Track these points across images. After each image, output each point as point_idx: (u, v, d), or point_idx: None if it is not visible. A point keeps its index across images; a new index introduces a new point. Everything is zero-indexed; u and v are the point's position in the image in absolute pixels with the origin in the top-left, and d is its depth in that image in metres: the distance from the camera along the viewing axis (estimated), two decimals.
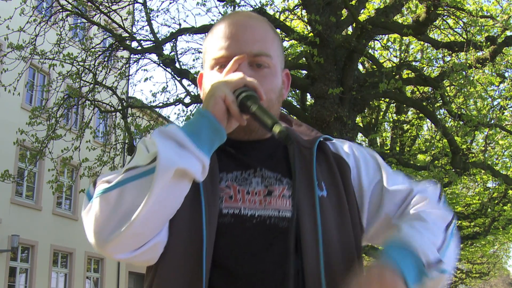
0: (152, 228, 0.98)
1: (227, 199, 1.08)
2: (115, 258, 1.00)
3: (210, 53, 1.19)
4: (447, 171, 8.59)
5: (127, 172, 0.97)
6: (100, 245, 0.96)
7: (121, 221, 0.93)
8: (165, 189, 0.93)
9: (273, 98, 1.15)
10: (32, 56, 8.38)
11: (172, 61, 8.10)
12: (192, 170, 0.95)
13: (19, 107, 15.37)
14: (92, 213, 0.97)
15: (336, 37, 7.37)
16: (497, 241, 21.46)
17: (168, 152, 0.93)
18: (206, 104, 1.01)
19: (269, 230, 1.06)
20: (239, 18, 1.20)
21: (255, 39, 1.15)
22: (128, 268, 20.47)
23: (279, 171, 1.14)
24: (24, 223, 15.63)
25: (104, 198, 0.96)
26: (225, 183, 1.11)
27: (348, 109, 7.48)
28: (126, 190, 0.95)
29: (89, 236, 0.98)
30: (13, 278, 15.40)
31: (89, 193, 1.02)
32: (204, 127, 0.98)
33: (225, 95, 1.00)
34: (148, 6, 8.76)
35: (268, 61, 1.15)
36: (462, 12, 7.63)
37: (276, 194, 1.11)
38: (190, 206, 1.03)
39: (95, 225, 0.96)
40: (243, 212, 1.07)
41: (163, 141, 0.95)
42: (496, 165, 13.29)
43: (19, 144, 8.98)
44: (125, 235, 0.93)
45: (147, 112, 10.82)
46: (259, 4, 7.76)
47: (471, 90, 8.97)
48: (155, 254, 1.03)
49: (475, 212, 14.01)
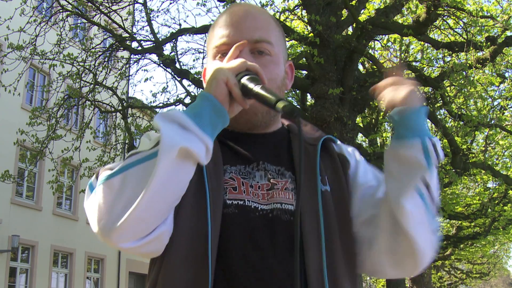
0: (157, 213, 0.95)
1: (231, 190, 1.08)
2: (120, 248, 0.96)
3: (211, 42, 1.19)
4: (447, 171, 8.59)
5: (130, 158, 0.95)
6: (105, 234, 0.93)
7: (125, 206, 0.91)
8: (169, 170, 0.91)
9: (274, 88, 1.13)
10: (32, 57, 8.38)
11: (172, 61, 8.10)
12: (196, 151, 0.93)
13: (19, 107, 15.37)
14: (96, 201, 0.94)
15: (336, 37, 7.37)
16: (497, 241, 21.44)
17: (171, 133, 0.92)
18: (208, 87, 1.00)
19: (273, 223, 1.06)
20: (240, 8, 1.20)
21: (256, 26, 1.15)
22: (128, 268, 20.47)
23: (282, 165, 1.14)
24: (24, 223, 15.63)
25: (107, 185, 0.94)
26: (229, 175, 1.10)
27: (348, 109, 7.48)
28: (129, 175, 0.93)
29: (93, 225, 0.95)
30: (13, 278, 15.40)
31: (91, 185, 1.00)
32: (206, 109, 0.97)
33: (227, 78, 0.99)
34: (148, 6, 8.77)
35: (269, 48, 1.15)
36: (462, 12, 7.63)
37: (279, 187, 1.11)
38: (194, 196, 1.02)
39: (99, 213, 0.93)
40: (247, 203, 1.07)
41: (165, 124, 0.93)
42: (496, 165, 13.28)
43: (19, 144, 8.99)
44: (130, 220, 0.91)
45: (147, 113, 10.82)
46: (259, 5, 7.76)
47: (471, 90, 8.97)
48: (161, 244, 1.01)
49: (475, 213, 13.99)
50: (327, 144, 1.21)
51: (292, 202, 1.09)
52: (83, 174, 8.90)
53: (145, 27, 9.33)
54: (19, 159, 15.37)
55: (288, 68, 1.23)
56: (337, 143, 1.26)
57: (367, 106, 9.19)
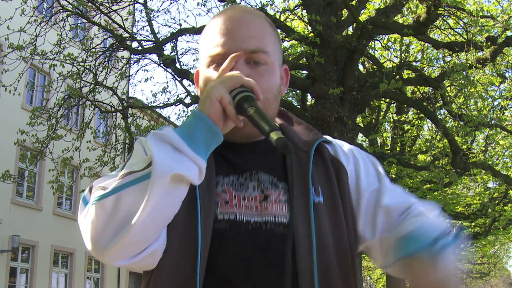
0: (150, 234, 0.96)
1: (223, 204, 1.06)
2: (114, 265, 0.98)
3: (205, 50, 1.16)
4: (447, 171, 8.60)
5: (123, 178, 0.94)
6: (98, 253, 0.94)
7: (118, 228, 0.91)
8: (162, 195, 0.91)
9: (270, 97, 1.12)
10: (33, 57, 8.38)
11: (172, 61, 8.10)
12: (188, 175, 0.92)
13: (20, 108, 15.38)
14: (89, 220, 0.94)
15: (337, 37, 7.37)
16: (497, 241, 21.47)
17: (163, 157, 0.91)
18: (201, 105, 0.98)
19: (265, 236, 1.04)
20: (235, 13, 1.16)
21: (251, 35, 1.12)
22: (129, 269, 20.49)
23: (275, 175, 1.12)
24: (25, 223, 15.64)
25: (100, 205, 0.93)
26: (221, 187, 1.09)
27: (349, 109, 7.48)
28: (122, 196, 0.92)
29: (86, 244, 0.96)
30: (13, 279, 15.40)
31: (85, 198, 0.99)
32: (199, 129, 0.95)
33: (222, 96, 0.97)
34: (148, 6, 8.77)
35: (265, 58, 1.12)
36: (462, 12, 7.63)
37: (272, 199, 1.08)
38: (185, 211, 1.01)
39: (92, 233, 0.93)
40: (238, 218, 1.05)
41: (158, 145, 0.92)
42: (496, 165, 13.28)
43: (20, 145, 8.98)
44: (123, 242, 0.91)
45: (148, 113, 10.82)
46: (260, 5, 7.76)
47: (471, 90, 8.97)
48: (154, 259, 1.01)
49: (476, 212, 14.01)
50: (321, 149, 1.18)
51: (285, 215, 1.07)
52: (83, 174, 8.90)
53: (145, 27, 9.34)
54: (20, 159, 15.38)
55: (283, 73, 1.21)
56: (332, 143, 1.22)
57: (367, 106, 9.19)
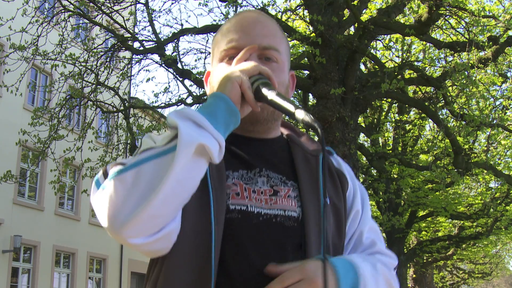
0: (169, 210, 0.95)
1: (234, 196, 1.08)
2: (130, 243, 0.95)
3: (219, 47, 1.20)
4: (449, 171, 8.59)
5: (143, 153, 0.95)
6: (116, 229, 0.92)
7: (138, 202, 0.90)
8: (185, 167, 0.91)
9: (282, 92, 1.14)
10: (34, 57, 8.39)
11: (174, 61, 8.10)
12: (212, 148, 0.93)
13: (21, 108, 15.41)
14: (106, 196, 0.93)
15: (338, 37, 7.37)
16: (499, 241, 21.43)
17: (188, 129, 0.92)
18: (222, 87, 1.01)
19: (276, 229, 1.07)
20: (249, 14, 1.22)
21: (265, 33, 1.17)
22: (131, 268, 20.49)
23: (284, 174, 1.15)
24: (27, 223, 15.66)
25: (119, 179, 0.92)
26: (231, 180, 1.11)
27: (350, 109, 7.47)
28: (143, 169, 0.92)
29: (103, 221, 0.93)
30: (15, 279, 15.42)
31: (98, 181, 0.98)
32: (220, 109, 0.98)
33: (242, 80, 1.01)
34: (150, 6, 8.77)
35: (277, 56, 1.17)
36: (464, 12, 7.61)
37: (281, 194, 1.11)
38: (198, 201, 1.02)
39: (110, 208, 0.91)
40: (250, 209, 1.07)
41: (181, 121, 0.94)
42: (498, 165, 13.28)
43: (22, 145, 9.00)
44: (143, 216, 0.90)
45: (149, 113, 10.83)
46: (261, 4, 7.75)
47: (473, 90, 8.95)
48: (169, 242, 1.01)
49: (478, 212, 13.98)
50: (326, 158, 1.23)
51: (295, 209, 1.10)
52: (85, 174, 8.91)
53: (147, 27, 9.36)
54: (21, 159, 15.39)
55: (290, 78, 1.25)
56: (334, 156, 1.28)
57: (369, 106, 9.18)
